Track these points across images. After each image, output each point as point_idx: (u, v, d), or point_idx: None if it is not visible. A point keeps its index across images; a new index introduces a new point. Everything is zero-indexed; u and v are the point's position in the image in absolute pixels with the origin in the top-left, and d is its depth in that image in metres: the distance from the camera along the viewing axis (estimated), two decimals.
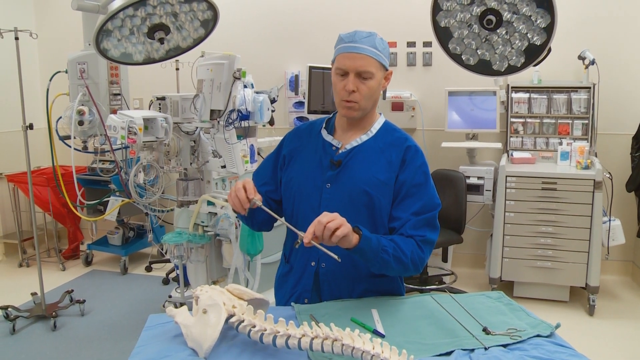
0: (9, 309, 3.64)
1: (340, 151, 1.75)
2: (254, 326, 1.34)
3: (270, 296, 1.81)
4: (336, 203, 1.69)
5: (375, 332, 1.48)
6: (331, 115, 1.85)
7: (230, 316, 1.39)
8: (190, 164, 3.39)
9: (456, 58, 3.29)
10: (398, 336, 1.46)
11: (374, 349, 1.22)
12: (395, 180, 1.69)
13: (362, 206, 1.69)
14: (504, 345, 1.42)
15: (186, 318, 1.42)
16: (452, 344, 1.41)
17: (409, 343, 1.41)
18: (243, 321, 1.36)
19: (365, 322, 1.53)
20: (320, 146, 1.78)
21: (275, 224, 1.88)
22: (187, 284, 3.53)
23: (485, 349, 1.40)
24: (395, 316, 1.60)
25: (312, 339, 1.27)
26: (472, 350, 1.39)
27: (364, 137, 1.75)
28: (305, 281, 1.77)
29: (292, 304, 1.69)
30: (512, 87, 4.24)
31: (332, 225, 1.43)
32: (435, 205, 1.71)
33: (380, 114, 1.84)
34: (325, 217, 1.45)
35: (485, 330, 1.49)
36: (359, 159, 1.72)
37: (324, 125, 1.83)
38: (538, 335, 1.47)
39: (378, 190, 1.68)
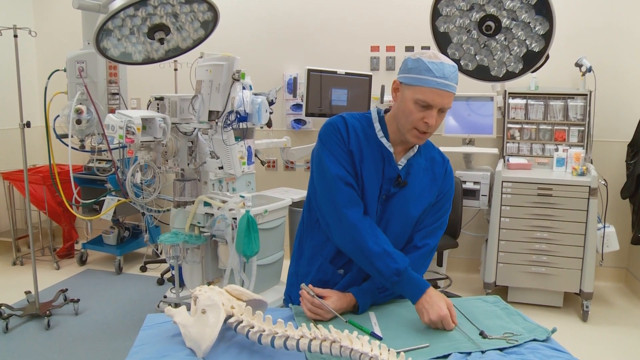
0: (2, 307, 3.62)
1: (398, 166, 1.73)
2: (253, 327, 1.35)
3: (267, 297, 1.81)
4: (386, 216, 1.73)
5: (373, 335, 1.49)
6: (377, 116, 1.76)
7: (229, 316, 1.39)
8: (188, 164, 3.39)
9: (455, 63, 3.32)
10: (395, 339, 1.47)
11: (372, 350, 1.22)
12: (436, 197, 1.79)
13: (409, 223, 1.76)
14: (501, 349, 1.43)
15: (185, 318, 1.43)
16: (449, 347, 1.42)
17: (407, 346, 1.42)
18: (242, 322, 1.37)
19: (363, 324, 1.54)
20: (384, 155, 1.72)
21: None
22: (182, 284, 3.53)
23: (482, 352, 1.41)
24: (392, 319, 1.61)
25: (311, 340, 1.27)
26: (469, 353, 1.40)
27: (411, 153, 1.76)
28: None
29: (290, 305, 1.69)
30: (509, 93, 4.26)
31: (317, 316, 1.60)
32: (445, 212, 1.84)
33: None
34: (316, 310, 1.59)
35: (482, 334, 1.50)
36: (412, 176, 1.74)
37: (380, 130, 1.74)
38: (534, 340, 1.48)
39: (425, 208, 1.77)
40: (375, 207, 1.72)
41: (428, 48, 4.52)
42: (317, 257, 1.81)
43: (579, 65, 4.09)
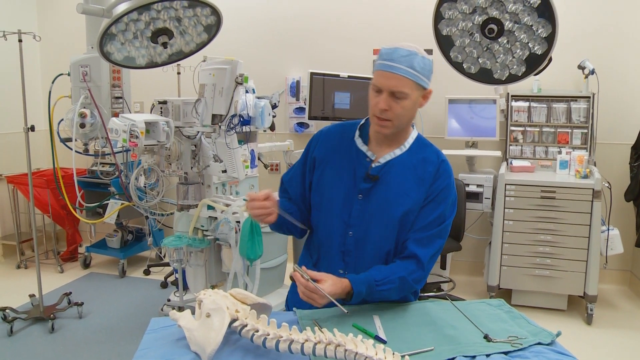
0: (7, 311, 3.63)
1: (374, 164, 1.74)
2: (257, 330, 1.35)
3: (270, 300, 1.81)
4: (367, 215, 1.71)
5: (377, 338, 1.48)
6: (363, 121, 1.82)
7: (234, 320, 1.39)
8: (191, 168, 3.40)
9: (457, 66, 3.31)
10: (399, 342, 1.47)
11: (376, 354, 1.22)
12: (424, 197, 1.72)
13: (394, 221, 1.70)
14: (505, 353, 1.43)
15: (189, 322, 1.43)
16: (454, 351, 1.42)
17: (411, 349, 1.42)
18: (246, 325, 1.37)
19: (367, 328, 1.54)
20: (354, 155, 1.76)
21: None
22: (185, 287, 3.53)
23: (487, 356, 1.40)
24: (396, 322, 1.60)
25: (315, 344, 1.27)
26: (474, 357, 1.40)
27: (398, 152, 1.75)
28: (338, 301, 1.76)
29: (294, 309, 1.69)
30: (512, 96, 4.26)
31: (310, 300, 1.54)
32: (444, 220, 1.73)
33: (413, 126, 1.81)
34: (315, 292, 1.53)
35: (486, 337, 1.50)
36: (393, 175, 1.72)
37: (357, 132, 1.81)
38: (539, 343, 1.48)
39: (410, 208, 1.70)
40: (339, 205, 1.74)
41: (430, 51, 4.52)
42: (307, 257, 1.90)
43: (581, 67, 4.09)
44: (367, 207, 1.71)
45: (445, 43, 3.27)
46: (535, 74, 3.48)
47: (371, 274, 1.65)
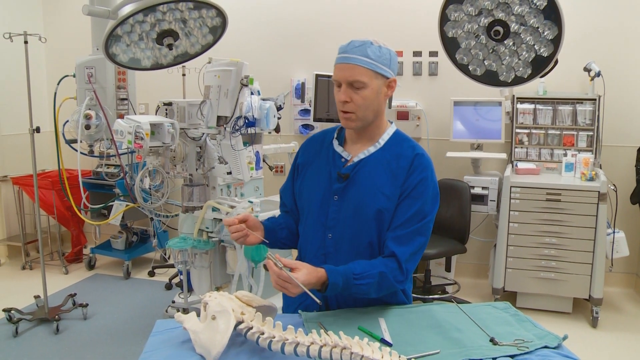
0: (12, 312, 3.64)
1: (348, 163, 1.73)
2: (263, 333, 1.35)
3: (275, 303, 1.81)
4: (343, 216, 1.70)
5: (383, 341, 1.48)
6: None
7: (239, 323, 1.39)
8: (196, 169, 3.40)
9: (463, 68, 3.30)
10: (405, 345, 1.46)
11: (382, 357, 1.22)
12: (399, 193, 1.67)
13: (369, 220, 1.67)
14: (511, 356, 1.42)
15: (195, 324, 1.43)
16: (460, 354, 1.41)
17: (417, 352, 1.41)
18: (252, 328, 1.37)
19: (373, 331, 1.54)
20: (331, 157, 1.77)
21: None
22: (190, 289, 3.53)
23: (493, 359, 1.40)
24: (402, 325, 1.60)
25: (321, 346, 1.27)
26: None
27: (372, 149, 1.73)
28: (313, 291, 1.75)
29: (300, 311, 1.69)
30: (517, 98, 4.25)
31: (284, 290, 1.49)
32: (424, 216, 1.67)
33: (392, 122, 1.80)
34: (285, 279, 1.48)
35: (492, 340, 1.49)
36: (366, 172, 1.70)
37: (335, 135, 1.82)
38: (545, 347, 1.47)
39: (384, 205, 1.66)
40: (317, 208, 1.74)
41: (436, 53, 4.53)
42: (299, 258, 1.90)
43: (587, 69, 4.07)
44: (342, 207, 1.70)
45: (450, 45, 3.26)
46: (541, 76, 3.47)
47: (350, 267, 1.60)
